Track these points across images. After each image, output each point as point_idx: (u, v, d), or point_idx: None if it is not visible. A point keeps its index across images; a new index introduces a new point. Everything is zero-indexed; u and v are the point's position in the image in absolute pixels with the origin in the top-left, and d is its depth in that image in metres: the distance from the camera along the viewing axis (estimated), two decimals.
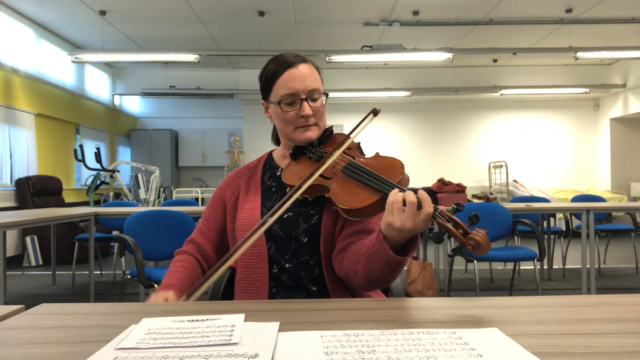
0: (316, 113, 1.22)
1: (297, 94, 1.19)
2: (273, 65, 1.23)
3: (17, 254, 6.03)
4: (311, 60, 1.26)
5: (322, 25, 7.06)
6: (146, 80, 9.59)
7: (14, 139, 6.31)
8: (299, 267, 1.17)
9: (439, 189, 4.62)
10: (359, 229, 1.16)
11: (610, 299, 0.91)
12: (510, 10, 6.44)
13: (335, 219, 1.18)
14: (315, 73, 1.24)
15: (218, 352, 0.63)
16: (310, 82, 1.20)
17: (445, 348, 0.63)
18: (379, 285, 1.08)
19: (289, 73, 1.20)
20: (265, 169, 1.32)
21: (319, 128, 1.24)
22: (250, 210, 1.23)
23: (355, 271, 1.06)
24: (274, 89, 1.23)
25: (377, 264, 1.00)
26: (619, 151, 9.20)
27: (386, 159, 1.16)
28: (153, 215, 3.04)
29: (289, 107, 1.20)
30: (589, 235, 3.86)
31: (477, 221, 0.89)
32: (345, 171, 1.11)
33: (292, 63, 1.21)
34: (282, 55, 1.24)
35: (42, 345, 0.69)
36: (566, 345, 0.65)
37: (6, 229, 2.84)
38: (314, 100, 1.22)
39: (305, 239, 1.17)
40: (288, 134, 1.24)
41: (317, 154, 1.21)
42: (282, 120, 1.23)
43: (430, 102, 9.57)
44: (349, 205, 1.04)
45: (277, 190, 1.26)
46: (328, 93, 1.26)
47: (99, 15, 6.51)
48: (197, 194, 8.71)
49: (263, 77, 1.26)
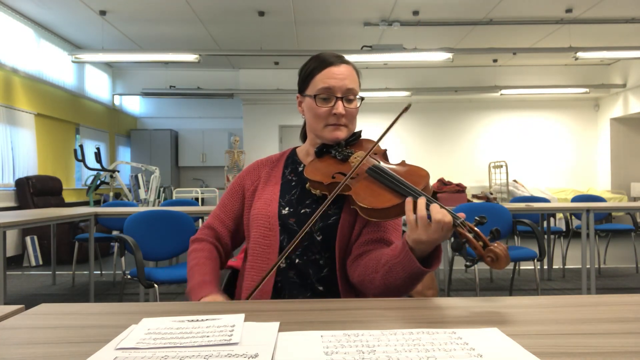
0: (348, 114, 1.22)
1: (334, 91, 1.20)
2: (314, 62, 1.24)
3: (17, 254, 6.03)
4: (352, 63, 1.27)
5: (322, 25, 7.06)
6: (146, 80, 9.59)
7: (14, 139, 6.31)
8: (308, 265, 1.17)
9: (439, 189, 4.62)
10: (377, 237, 1.15)
11: (610, 299, 0.91)
12: (510, 10, 6.44)
13: (353, 222, 1.17)
14: (354, 75, 1.24)
15: (218, 352, 0.63)
16: (348, 82, 1.21)
17: (445, 348, 0.63)
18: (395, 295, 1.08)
19: (330, 70, 1.21)
20: (288, 163, 1.32)
21: (348, 130, 1.25)
22: (267, 201, 1.22)
23: (372, 280, 1.06)
24: (312, 83, 1.23)
25: (399, 274, 1.00)
26: (619, 151, 9.20)
27: (412, 166, 1.16)
28: (153, 215, 3.04)
29: (323, 102, 1.21)
30: (589, 235, 3.86)
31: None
32: (370, 172, 1.12)
33: (333, 62, 1.22)
34: (324, 53, 1.25)
35: (42, 345, 0.69)
36: (566, 345, 0.65)
37: (6, 229, 2.84)
38: (349, 101, 1.22)
39: (320, 237, 1.17)
40: (317, 130, 1.24)
41: (342, 154, 1.21)
42: (314, 115, 1.23)
43: (430, 102, 9.57)
44: (370, 205, 1.04)
45: (297, 185, 1.25)
46: (364, 97, 1.26)
47: (99, 15, 6.51)
48: (197, 194, 8.71)
49: (302, 71, 1.27)
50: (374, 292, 1.08)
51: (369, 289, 1.09)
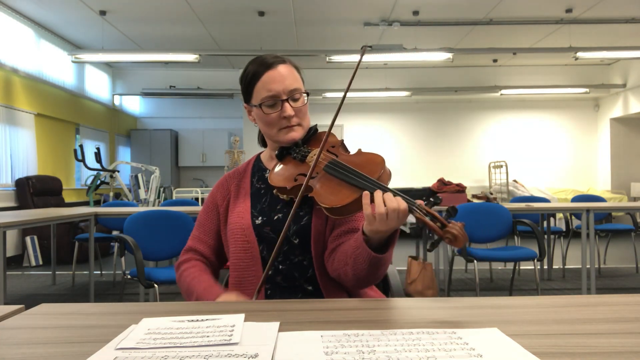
0: (298, 113, 1.22)
1: (278, 95, 1.19)
2: (252, 67, 1.22)
3: (17, 254, 6.03)
4: (290, 60, 1.25)
5: (322, 25, 7.06)
6: (146, 80, 9.59)
7: (14, 139, 6.31)
8: (293, 269, 1.17)
9: (439, 189, 4.62)
10: (348, 228, 1.16)
11: (610, 299, 0.91)
12: (510, 10, 6.44)
13: (325, 219, 1.18)
14: (294, 73, 1.23)
15: (218, 352, 0.63)
16: (290, 83, 1.20)
17: (445, 348, 0.63)
18: (370, 283, 1.11)
19: (268, 75, 1.19)
20: (254, 172, 1.32)
21: (302, 128, 1.24)
22: (240, 214, 1.23)
23: (345, 272, 1.08)
24: (254, 92, 1.22)
25: (362, 265, 1.03)
26: (619, 151, 9.20)
27: (367, 154, 1.16)
28: (153, 215, 3.04)
29: (270, 109, 1.20)
30: (589, 235, 3.86)
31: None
32: (327, 169, 1.12)
33: (270, 64, 1.20)
34: (261, 57, 1.23)
35: (42, 345, 0.69)
36: (566, 345, 0.65)
37: (6, 229, 2.84)
38: (295, 100, 1.21)
39: (297, 240, 1.17)
40: (272, 136, 1.24)
41: (300, 154, 1.20)
42: (265, 123, 1.23)
43: (430, 102, 9.57)
44: (330, 204, 1.05)
45: (266, 192, 1.26)
46: (309, 92, 1.25)
47: (99, 15, 6.51)
48: (197, 194, 8.71)
49: (243, 81, 1.25)
50: (350, 284, 1.10)
51: (344, 281, 1.11)
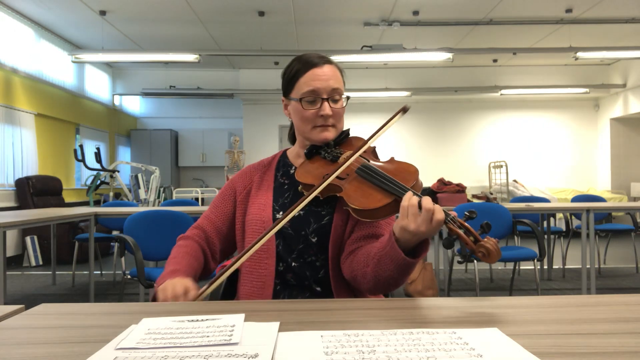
0: (335, 114, 1.23)
1: (319, 92, 1.20)
2: (297, 64, 1.24)
3: (17, 254, 6.03)
4: (335, 62, 1.27)
5: (322, 25, 7.06)
6: (146, 80, 9.59)
7: (14, 139, 6.31)
8: (305, 267, 1.17)
9: (439, 189, 4.62)
10: (368, 233, 1.16)
11: (610, 299, 0.91)
12: (510, 10, 6.44)
13: (346, 221, 1.18)
14: (338, 75, 1.25)
15: (218, 352, 0.63)
16: (332, 83, 1.21)
17: (445, 348, 0.63)
18: (387, 289, 1.08)
19: (313, 72, 1.21)
20: (279, 167, 1.32)
21: (336, 129, 1.25)
22: (261, 206, 1.23)
23: (364, 274, 1.07)
24: (296, 86, 1.23)
25: (387, 266, 1.01)
26: (619, 151, 9.20)
27: (401, 163, 1.17)
28: (153, 215, 3.04)
29: (309, 105, 1.21)
30: (589, 235, 3.86)
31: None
32: (360, 172, 1.12)
33: (316, 63, 1.22)
34: (307, 55, 1.25)
35: (42, 345, 0.69)
36: (566, 345, 0.65)
37: (6, 229, 2.84)
38: (335, 101, 1.23)
39: (315, 239, 1.17)
40: (305, 133, 1.25)
41: (332, 155, 1.21)
42: (301, 118, 1.23)
43: (430, 102, 9.57)
44: (361, 206, 1.04)
45: (290, 188, 1.26)
46: (349, 96, 1.26)
47: (99, 15, 6.51)
48: (197, 194, 8.71)
49: (286, 74, 1.27)
50: (367, 287, 1.09)
51: (361, 283, 1.09)
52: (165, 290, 1.04)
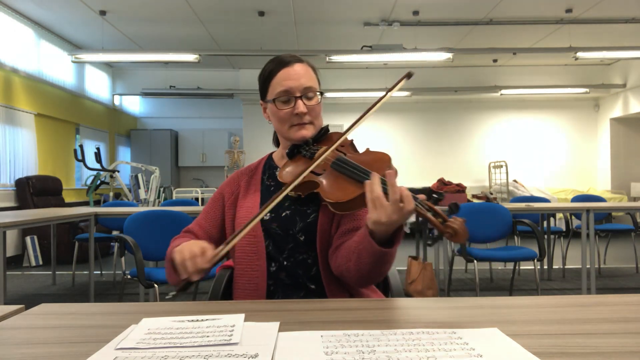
0: (311, 111, 1.23)
1: (292, 91, 1.21)
2: (270, 66, 1.26)
3: (17, 254, 6.03)
4: (307, 60, 1.28)
5: (322, 25, 7.06)
6: (146, 80, 9.59)
7: (14, 139, 6.31)
8: (297, 266, 1.18)
9: (439, 189, 4.62)
10: (352, 226, 1.16)
11: (610, 299, 0.91)
12: (510, 10, 6.44)
13: (332, 217, 1.19)
14: (310, 72, 1.26)
15: (218, 352, 0.63)
16: (305, 81, 1.22)
17: (445, 348, 0.63)
18: (373, 280, 1.09)
19: (284, 72, 1.23)
20: (265, 169, 1.34)
21: (314, 127, 1.25)
22: (249, 209, 1.24)
23: (348, 269, 1.07)
24: (270, 87, 1.25)
25: (366, 259, 1.01)
26: (619, 151, 9.20)
27: (375, 153, 1.17)
28: (153, 215, 3.04)
29: (283, 104, 1.22)
30: (589, 235, 3.86)
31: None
32: (334, 166, 1.13)
33: (287, 62, 1.24)
34: (279, 56, 1.27)
35: (42, 345, 0.69)
36: (566, 345, 0.65)
37: (6, 229, 2.84)
38: (309, 98, 1.23)
39: (302, 237, 1.18)
40: (284, 133, 1.26)
41: (310, 152, 1.21)
42: (277, 119, 1.25)
43: (430, 102, 9.57)
44: (335, 199, 1.05)
45: (276, 190, 1.27)
46: (324, 92, 1.27)
47: (99, 15, 6.51)
48: (197, 194, 8.71)
49: (260, 78, 1.29)
50: (353, 281, 1.09)
51: (347, 278, 1.10)
52: (182, 251, 1.03)
